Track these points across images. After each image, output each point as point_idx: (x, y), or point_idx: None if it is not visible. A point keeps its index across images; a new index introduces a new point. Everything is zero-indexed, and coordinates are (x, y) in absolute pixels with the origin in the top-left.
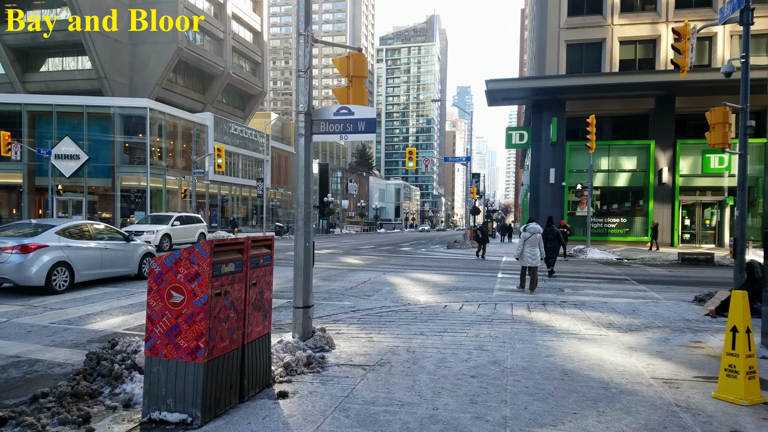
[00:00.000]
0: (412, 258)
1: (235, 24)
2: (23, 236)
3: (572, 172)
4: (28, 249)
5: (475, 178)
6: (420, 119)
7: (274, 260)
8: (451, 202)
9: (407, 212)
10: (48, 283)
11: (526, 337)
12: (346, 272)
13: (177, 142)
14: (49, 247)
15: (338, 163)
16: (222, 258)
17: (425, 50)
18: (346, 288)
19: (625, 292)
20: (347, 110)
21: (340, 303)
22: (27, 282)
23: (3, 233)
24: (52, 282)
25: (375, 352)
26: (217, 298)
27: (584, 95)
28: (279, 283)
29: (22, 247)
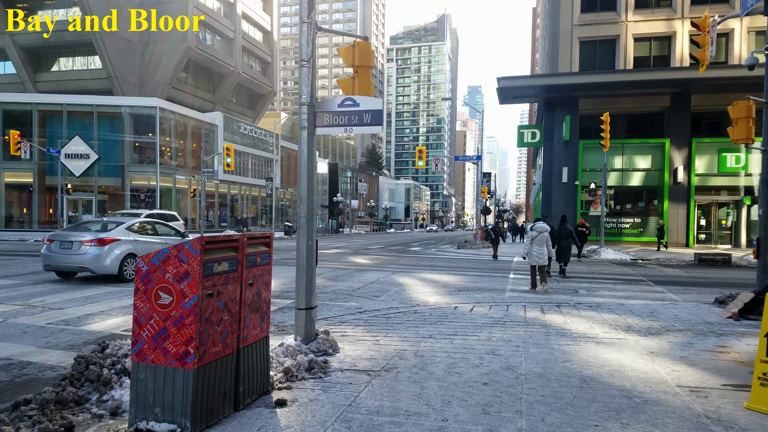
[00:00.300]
0: (422, 258)
1: (245, 23)
2: (98, 231)
3: (585, 171)
4: (104, 242)
5: (485, 178)
6: (430, 119)
7: (281, 259)
8: (462, 202)
9: (417, 212)
10: (120, 272)
11: (540, 340)
12: (353, 272)
13: (187, 141)
14: (121, 240)
15: (348, 162)
16: (215, 256)
17: (436, 49)
18: (353, 288)
19: (641, 293)
20: (352, 101)
21: (347, 304)
22: (103, 270)
23: (78, 229)
24: (123, 271)
25: (381, 356)
26: (209, 300)
27: (598, 93)
28: (284, 283)
29: (98, 241)
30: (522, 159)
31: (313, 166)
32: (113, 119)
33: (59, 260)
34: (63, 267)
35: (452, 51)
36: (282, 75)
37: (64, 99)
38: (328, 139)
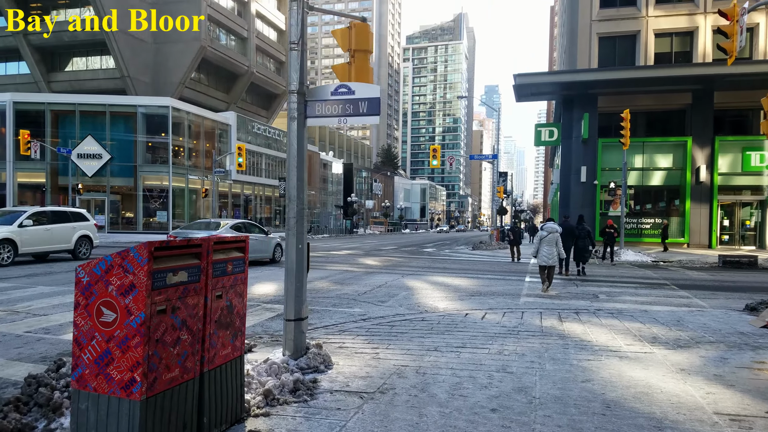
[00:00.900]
0: (434, 260)
1: (259, 22)
2: (210, 230)
3: (604, 171)
4: None
5: (502, 177)
6: (446, 118)
7: None
8: (478, 202)
9: (433, 212)
10: None
11: (558, 355)
12: (362, 275)
13: (200, 141)
14: None
15: (363, 162)
16: (169, 265)
17: (452, 49)
18: (359, 293)
19: (665, 298)
20: (347, 89)
21: (350, 310)
22: None
23: (193, 227)
24: None
25: (378, 373)
26: (161, 317)
27: (617, 90)
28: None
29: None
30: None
31: (303, 162)
32: (126, 119)
33: None
34: None
35: (469, 50)
36: None
37: (77, 99)
38: (343, 139)
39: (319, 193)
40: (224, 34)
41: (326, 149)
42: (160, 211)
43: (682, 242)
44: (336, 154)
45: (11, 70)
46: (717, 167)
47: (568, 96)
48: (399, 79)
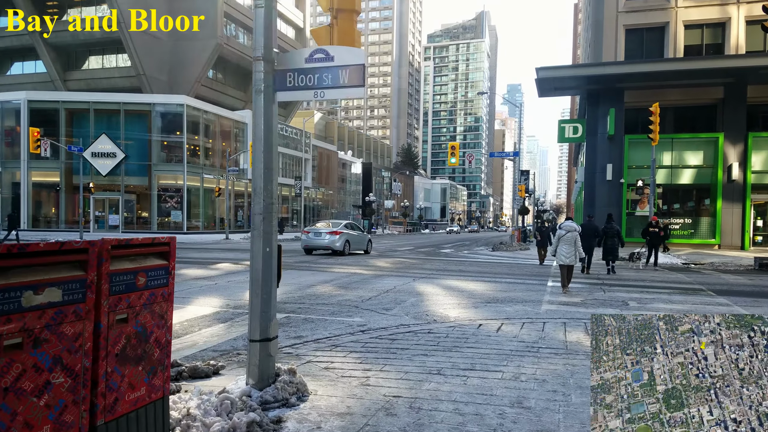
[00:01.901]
0: (450, 262)
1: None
2: (332, 228)
3: (631, 168)
4: (336, 233)
5: (523, 175)
6: (468, 117)
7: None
8: (500, 202)
9: (453, 212)
10: (343, 251)
11: (586, 381)
12: (370, 278)
13: (216, 140)
14: (343, 233)
15: (382, 162)
16: (26, 279)
17: (474, 47)
18: (363, 299)
19: (703, 306)
20: (324, 54)
21: (350, 319)
22: (336, 249)
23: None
24: (345, 250)
25: (362, 408)
26: (13, 355)
27: (645, 84)
28: (285, 291)
29: (332, 232)
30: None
31: (272, 146)
32: (140, 117)
33: (313, 243)
34: (314, 247)
35: (491, 48)
36: None
37: (91, 97)
38: (363, 138)
39: (337, 192)
40: (242, 32)
41: (345, 148)
42: (174, 210)
43: (712, 243)
44: (355, 153)
45: (28, 69)
46: (750, 165)
47: (593, 90)
48: (420, 78)
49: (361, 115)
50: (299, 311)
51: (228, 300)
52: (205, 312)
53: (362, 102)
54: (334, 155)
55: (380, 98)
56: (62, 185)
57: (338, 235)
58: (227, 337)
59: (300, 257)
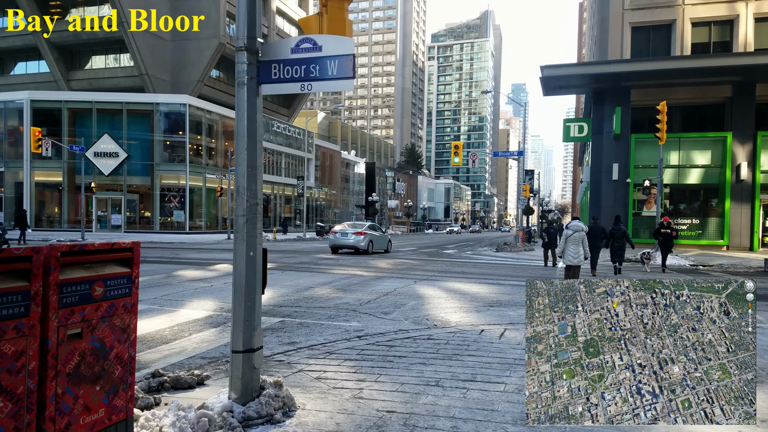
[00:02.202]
0: (453, 263)
1: (279, 19)
2: (356, 228)
3: (638, 168)
4: (360, 234)
5: (528, 175)
6: (472, 117)
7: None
8: (504, 202)
9: (457, 212)
10: (367, 250)
11: None
12: (370, 280)
13: (218, 139)
14: (367, 234)
15: (386, 162)
16: None
17: (478, 46)
18: (362, 302)
19: None
20: (311, 44)
21: (347, 324)
22: (361, 248)
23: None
24: (369, 249)
25: (352, 426)
26: None
27: (651, 82)
28: (283, 293)
29: (358, 233)
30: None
31: (256, 142)
32: (143, 117)
33: (340, 242)
34: (340, 245)
35: (495, 48)
36: None
37: (93, 96)
38: (366, 138)
39: (340, 192)
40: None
41: (348, 148)
42: (177, 210)
43: (721, 244)
44: (358, 153)
45: (32, 68)
46: (759, 164)
47: (598, 89)
48: (424, 77)
49: (365, 114)
50: (295, 315)
51: (222, 303)
52: (197, 316)
53: (366, 102)
54: (337, 155)
55: (384, 98)
56: (65, 185)
57: (363, 235)
58: (218, 343)
59: (299, 258)
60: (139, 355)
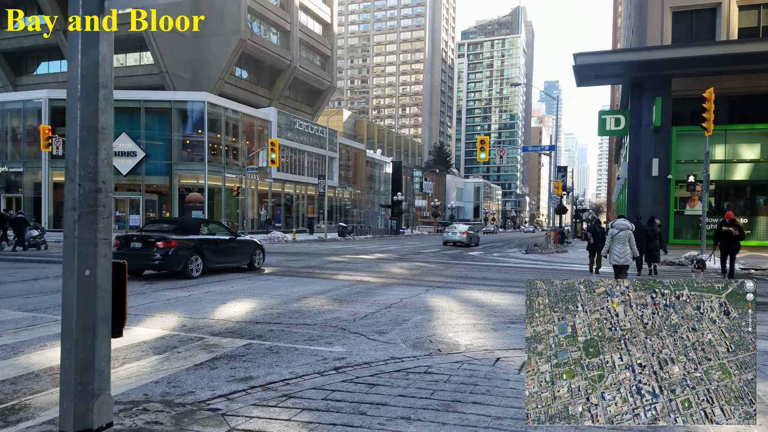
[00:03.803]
0: (475, 267)
1: (303, 15)
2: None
3: (679, 163)
4: (465, 233)
5: (560, 172)
6: (503, 115)
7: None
8: (537, 201)
9: (487, 212)
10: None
11: None
12: (375, 288)
13: (238, 138)
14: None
15: (413, 161)
16: None
17: (510, 43)
18: (357, 316)
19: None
20: None
21: (327, 349)
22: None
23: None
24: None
25: None
26: None
27: (695, 71)
28: (265, 306)
29: (464, 232)
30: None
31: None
32: (161, 115)
33: (451, 238)
34: (452, 240)
35: (527, 44)
36: (349, 74)
37: None
38: (393, 137)
39: (365, 191)
40: (266, 27)
41: (374, 147)
42: (195, 210)
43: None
44: (385, 152)
45: (54, 68)
46: None
47: (637, 78)
48: (453, 75)
49: (393, 113)
50: (268, 336)
51: (187, 318)
52: (147, 337)
53: (394, 100)
54: (362, 153)
55: (412, 96)
56: None
57: (466, 234)
58: (149, 378)
59: (308, 261)
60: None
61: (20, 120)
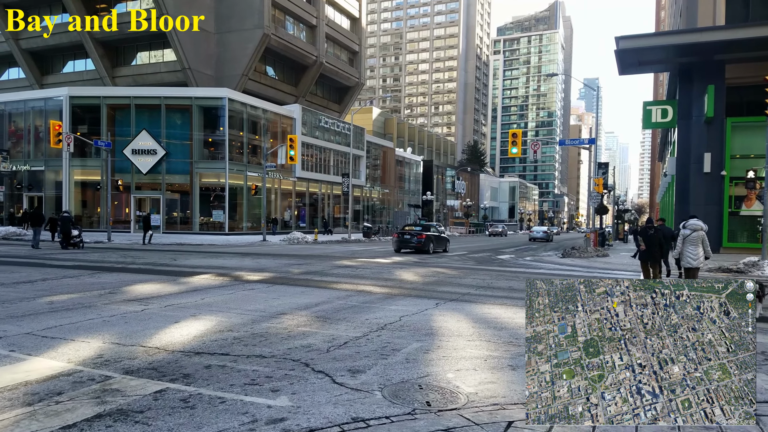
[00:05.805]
0: (501, 274)
1: (330, 9)
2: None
3: (734, 158)
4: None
5: (601, 168)
6: (540, 112)
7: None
8: (576, 201)
9: (523, 212)
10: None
11: None
12: (375, 302)
13: (261, 135)
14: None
15: (446, 160)
16: None
17: (547, 38)
18: (335, 344)
19: None
20: None
21: (266, 402)
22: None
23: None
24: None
25: None
26: None
27: (751, 55)
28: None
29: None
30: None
31: None
32: (182, 113)
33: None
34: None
35: (565, 40)
36: (381, 72)
37: (131, 92)
38: (425, 135)
39: (394, 190)
40: (291, 22)
41: (405, 146)
42: (216, 210)
43: None
44: (416, 151)
45: (78, 67)
46: None
47: (686, 64)
48: (488, 72)
49: (425, 111)
50: (198, 376)
51: (113, 345)
52: (36, 374)
53: (426, 98)
54: (391, 152)
55: (445, 94)
56: (104, 184)
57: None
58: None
59: (313, 265)
60: None
61: (42, 118)
